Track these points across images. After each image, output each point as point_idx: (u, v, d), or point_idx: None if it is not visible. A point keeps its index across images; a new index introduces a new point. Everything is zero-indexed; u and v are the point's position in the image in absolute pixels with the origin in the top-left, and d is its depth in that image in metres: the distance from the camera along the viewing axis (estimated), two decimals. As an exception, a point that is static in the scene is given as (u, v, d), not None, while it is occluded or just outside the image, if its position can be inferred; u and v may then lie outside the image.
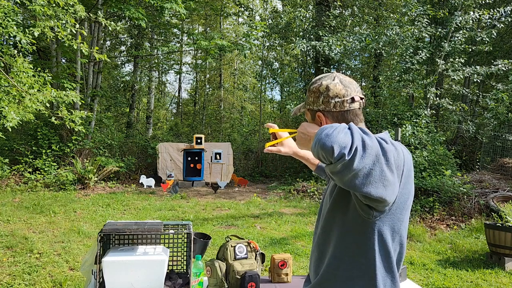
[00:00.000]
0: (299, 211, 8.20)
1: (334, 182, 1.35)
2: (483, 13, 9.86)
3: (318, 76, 1.40)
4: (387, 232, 1.22)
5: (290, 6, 15.27)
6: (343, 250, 1.25)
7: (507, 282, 4.59)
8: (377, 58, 14.39)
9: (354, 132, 1.02)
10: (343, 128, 1.04)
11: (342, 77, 1.33)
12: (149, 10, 12.26)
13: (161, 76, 23.62)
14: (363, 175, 1.01)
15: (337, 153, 0.98)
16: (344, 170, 1.00)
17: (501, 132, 10.33)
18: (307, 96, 1.38)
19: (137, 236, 2.21)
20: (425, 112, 10.16)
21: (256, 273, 2.17)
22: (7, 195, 8.45)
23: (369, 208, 1.17)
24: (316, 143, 1.03)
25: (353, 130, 1.04)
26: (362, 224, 1.21)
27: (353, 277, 1.24)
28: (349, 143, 1.00)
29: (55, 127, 10.69)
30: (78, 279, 4.20)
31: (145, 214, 7.40)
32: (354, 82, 1.34)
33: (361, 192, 1.03)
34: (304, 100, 1.42)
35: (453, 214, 7.42)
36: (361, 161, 0.99)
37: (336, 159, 0.99)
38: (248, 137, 17.21)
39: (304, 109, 1.40)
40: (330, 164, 1.03)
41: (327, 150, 1.00)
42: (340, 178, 1.03)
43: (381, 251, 1.22)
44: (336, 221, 1.27)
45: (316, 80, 1.36)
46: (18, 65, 6.05)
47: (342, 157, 0.98)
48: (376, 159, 1.02)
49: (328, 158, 1.01)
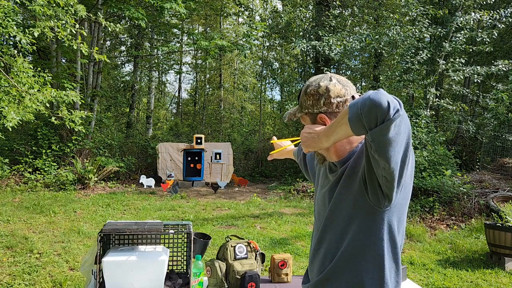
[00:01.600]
0: (299, 211, 8.21)
1: (332, 179, 1.35)
2: (484, 14, 9.86)
3: (310, 79, 1.37)
4: (395, 223, 1.24)
5: (290, 6, 15.27)
6: (352, 243, 1.26)
7: (507, 282, 4.59)
8: (377, 58, 14.38)
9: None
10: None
11: (338, 77, 1.33)
12: (149, 10, 12.25)
13: (161, 76, 23.62)
14: (399, 139, 1.04)
15: (393, 107, 0.99)
16: (394, 129, 1.01)
17: (501, 132, 10.33)
18: (303, 100, 1.34)
19: (137, 236, 2.21)
20: (425, 112, 10.16)
21: (256, 273, 2.17)
22: (7, 195, 8.45)
23: (382, 196, 1.18)
24: (363, 106, 1.01)
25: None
26: (372, 216, 1.22)
27: (362, 269, 1.25)
28: (395, 101, 1.01)
29: (55, 127, 10.68)
30: (78, 279, 4.20)
31: (145, 214, 7.40)
32: (349, 81, 1.34)
33: (394, 159, 1.06)
34: (299, 104, 1.38)
35: (453, 214, 7.42)
36: (406, 120, 1.04)
37: (393, 113, 0.99)
38: (248, 137, 17.20)
39: (301, 113, 1.37)
40: (380, 124, 1.01)
41: (382, 107, 0.98)
42: (387, 140, 1.02)
43: (389, 242, 1.24)
44: (344, 214, 1.28)
45: (311, 82, 1.34)
46: (18, 65, 6.05)
47: (397, 112, 0.99)
48: (408, 125, 1.06)
49: (383, 114, 0.99)
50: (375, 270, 1.24)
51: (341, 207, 1.28)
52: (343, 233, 1.28)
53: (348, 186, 1.27)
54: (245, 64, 22.71)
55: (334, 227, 1.31)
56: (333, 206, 1.31)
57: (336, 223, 1.31)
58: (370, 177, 1.17)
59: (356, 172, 1.26)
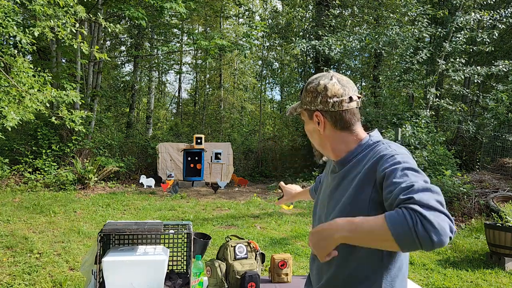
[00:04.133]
0: (299, 211, 8.21)
1: (333, 182, 1.35)
2: (484, 14, 9.87)
3: (314, 75, 1.39)
4: None
5: (289, 6, 15.27)
6: (352, 251, 1.23)
7: (507, 282, 4.59)
8: (377, 58, 14.39)
9: (443, 205, 0.99)
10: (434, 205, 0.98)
11: (339, 77, 1.33)
12: (149, 10, 12.25)
13: (161, 76, 23.61)
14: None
15: (444, 240, 0.95)
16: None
17: (501, 132, 10.32)
18: (303, 96, 1.37)
19: (137, 236, 2.21)
20: (425, 112, 10.16)
21: (256, 273, 2.17)
22: (7, 195, 8.45)
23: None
24: (423, 241, 0.94)
25: (441, 202, 1.00)
26: None
27: (360, 278, 1.23)
28: (448, 226, 0.95)
29: (55, 127, 10.68)
30: (78, 279, 4.20)
31: (145, 214, 7.40)
32: (351, 81, 1.34)
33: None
34: (300, 99, 1.40)
35: (453, 214, 7.42)
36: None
37: (442, 243, 0.95)
38: (248, 137, 17.21)
39: (301, 109, 1.39)
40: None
41: (443, 244, 0.95)
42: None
43: (389, 251, 1.22)
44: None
45: (313, 79, 1.36)
46: (18, 65, 6.05)
47: (451, 239, 0.97)
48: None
49: (430, 246, 0.95)
50: (376, 279, 1.22)
51: (338, 212, 1.27)
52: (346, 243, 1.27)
53: (345, 192, 1.26)
54: (245, 64, 22.70)
55: None
56: (331, 209, 1.31)
57: None
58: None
59: (354, 180, 1.25)
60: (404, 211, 0.97)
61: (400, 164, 1.11)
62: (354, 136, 1.32)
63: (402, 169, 1.10)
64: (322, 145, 1.37)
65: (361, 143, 1.31)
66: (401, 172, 1.08)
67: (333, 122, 1.31)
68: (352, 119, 1.31)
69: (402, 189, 1.03)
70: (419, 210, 0.95)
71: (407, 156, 1.17)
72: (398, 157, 1.15)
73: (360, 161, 1.27)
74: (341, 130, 1.31)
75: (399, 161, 1.13)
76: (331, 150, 1.35)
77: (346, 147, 1.32)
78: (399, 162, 1.12)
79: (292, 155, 14.60)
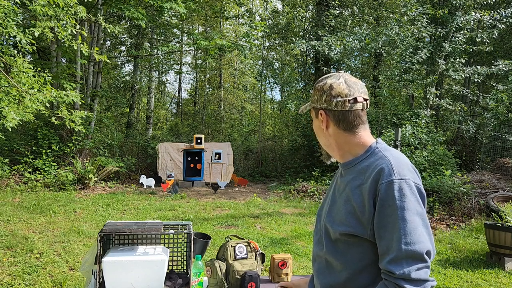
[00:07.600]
0: (299, 211, 8.20)
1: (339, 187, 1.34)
2: (484, 14, 9.86)
3: (325, 75, 1.40)
4: None
5: (289, 6, 15.27)
6: (352, 259, 1.24)
7: (507, 282, 4.59)
8: (377, 58, 14.38)
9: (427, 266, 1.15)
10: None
11: (347, 77, 1.33)
12: (149, 10, 12.25)
13: (161, 76, 23.61)
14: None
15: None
16: None
17: (501, 132, 10.32)
18: (312, 94, 1.39)
19: (137, 236, 2.22)
20: (425, 112, 10.16)
21: (256, 273, 2.17)
22: (7, 195, 8.45)
23: None
24: None
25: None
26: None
27: (363, 285, 1.24)
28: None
29: (55, 127, 10.68)
30: (78, 279, 4.20)
31: (145, 214, 7.40)
32: (360, 83, 1.33)
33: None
34: (311, 97, 1.43)
35: (453, 214, 7.42)
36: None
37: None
38: (248, 137, 17.21)
39: (310, 107, 1.40)
40: None
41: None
42: None
43: None
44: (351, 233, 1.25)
45: (322, 78, 1.37)
46: (18, 65, 6.05)
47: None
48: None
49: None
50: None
51: (351, 228, 1.25)
52: (347, 249, 1.26)
53: (348, 202, 1.26)
54: (245, 64, 22.71)
55: (338, 240, 1.28)
56: (332, 215, 1.31)
57: (340, 238, 1.28)
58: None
59: (356, 191, 1.25)
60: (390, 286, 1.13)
61: (396, 202, 1.16)
62: (358, 139, 1.31)
63: (397, 212, 1.16)
64: (327, 144, 1.38)
65: (367, 149, 1.30)
66: (393, 218, 1.15)
67: (336, 121, 1.31)
68: (356, 121, 1.30)
69: (390, 251, 1.14)
70: (404, 287, 1.11)
71: (407, 181, 1.20)
72: (395, 185, 1.17)
73: (364, 170, 1.25)
74: (344, 131, 1.31)
75: (395, 196, 1.16)
76: (336, 151, 1.36)
77: (350, 150, 1.32)
78: (395, 199, 1.16)
79: (292, 155, 14.59)
